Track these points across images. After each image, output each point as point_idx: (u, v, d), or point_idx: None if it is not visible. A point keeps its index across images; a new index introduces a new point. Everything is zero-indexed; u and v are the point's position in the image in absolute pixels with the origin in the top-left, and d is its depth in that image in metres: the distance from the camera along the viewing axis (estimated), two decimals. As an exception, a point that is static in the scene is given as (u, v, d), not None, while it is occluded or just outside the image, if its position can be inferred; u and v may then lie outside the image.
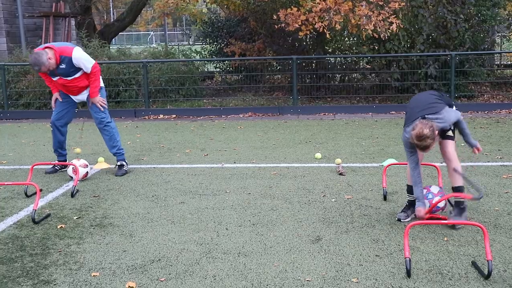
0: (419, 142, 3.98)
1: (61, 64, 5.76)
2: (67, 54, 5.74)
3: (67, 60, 5.75)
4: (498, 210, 4.61)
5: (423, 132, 3.95)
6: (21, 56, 12.24)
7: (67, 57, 5.75)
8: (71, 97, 6.16)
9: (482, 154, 6.64)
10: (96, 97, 6.05)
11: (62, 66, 5.77)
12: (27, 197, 5.34)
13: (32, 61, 5.64)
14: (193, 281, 3.45)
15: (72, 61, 5.77)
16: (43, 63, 5.61)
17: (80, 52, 5.84)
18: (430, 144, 4.00)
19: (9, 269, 3.69)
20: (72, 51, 5.76)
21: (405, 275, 3.45)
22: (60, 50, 5.75)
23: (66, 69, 5.79)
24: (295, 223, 4.44)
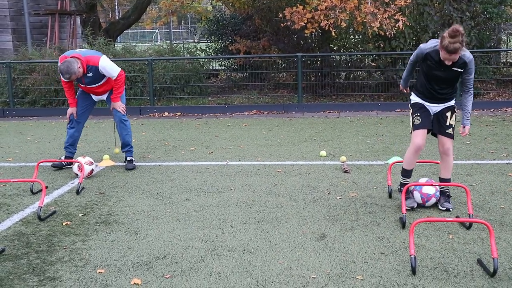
0: (452, 39, 4.03)
1: (88, 72, 5.90)
2: (94, 64, 5.88)
3: (94, 69, 5.90)
4: (504, 208, 4.60)
5: (459, 28, 4.02)
6: (27, 54, 12.27)
7: (94, 67, 5.90)
8: (92, 96, 6.31)
9: (488, 152, 6.62)
10: (118, 102, 6.21)
11: (89, 74, 5.92)
12: (32, 194, 5.37)
13: (64, 69, 5.73)
14: (198, 278, 3.46)
15: (98, 70, 5.91)
16: (74, 72, 5.76)
17: (107, 61, 5.96)
18: (459, 48, 4.07)
19: (15, 266, 3.71)
20: (99, 60, 5.89)
21: (410, 272, 3.45)
22: (86, 59, 5.87)
23: (92, 77, 5.95)
24: (300, 221, 4.44)
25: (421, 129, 4.49)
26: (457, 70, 4.34)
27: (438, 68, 4.36)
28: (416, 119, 4.53)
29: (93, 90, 6.17)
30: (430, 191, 4.57)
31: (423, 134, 4.49)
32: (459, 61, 4.28)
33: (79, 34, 15.41)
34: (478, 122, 8.84)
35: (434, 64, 4.35)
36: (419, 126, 4.49)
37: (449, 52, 4.11)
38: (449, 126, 4.50)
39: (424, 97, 4.56)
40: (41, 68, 11.40)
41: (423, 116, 4.52)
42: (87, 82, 6.03)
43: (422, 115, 4.52)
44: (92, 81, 6.02)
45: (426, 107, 4.56)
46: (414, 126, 4.54)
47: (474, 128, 8.31)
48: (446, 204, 4.57)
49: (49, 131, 9.09)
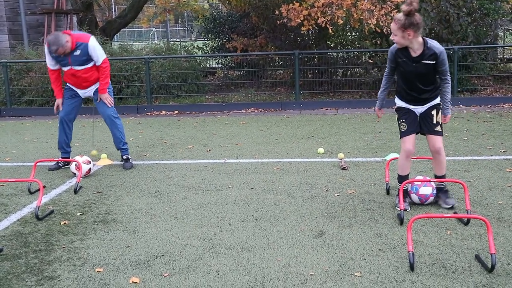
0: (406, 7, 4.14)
1: (76, 50, 5.83)
2: (84, 41, 5.85)
3: (82, 46, 5.83)
4: (502, 204, 4.61)
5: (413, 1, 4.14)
6: (23, 53, 12.24)
7: (83, 44, 5.84)
8: (79, 93, 6.20)
9: (485, 148, 6.63)
10: (105, 93, 6.13)
11: (76, 52, 5.84)
12: (30, 193, 5.36)
13: (52, 40, 5.69)
14: (196, 276, 3.46)
15: (87, 48, 5.85)
16: (62, 44, 5.69)
17: (96, 42, 5.95)
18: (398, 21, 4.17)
19: (13, 266, 3.70)
20: (89, 38, 5.89)
21: (408, 268, 3.45)
22: (77, 36, 5.86)
23: (79, 56, 5.85)
24: (298, 218, 4.45)
25: (409, 135, 4.49)
26: (428, 63, 4.30)
27: (409, 64, 4.33)
28: (402, 125, 4.53)
29: (78, 75, 5.98)
30: (427, 192, 4.56)
31: (412, 139, 4.50)
32: (428, 52, 4.26)
33: (75, 33, 15.36)
34: (476, 118, 8.85)
35: (404, 60, 4.35)
36: (406, 133, 4.50)
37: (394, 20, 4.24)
38: (436, 124, 4.48)
39: (407, 100, 4.55)
40: (38, 67, 11.38)
41: (409, 121, 4.52)
42: (73, 62, 5.87)
43: (407, 120, 4.52)
44: (79, 62, 5.87)
45: (411, 109, 4.54)
46: (401, 132, 4.55)
47: (472, 124, 8.32)
48: (449, 200, 4.54)
49: (46, 131, 9.07)
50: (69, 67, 5.95)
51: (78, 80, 6.05)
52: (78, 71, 5.97)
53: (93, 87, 6.17)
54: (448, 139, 6.96)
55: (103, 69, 6.03)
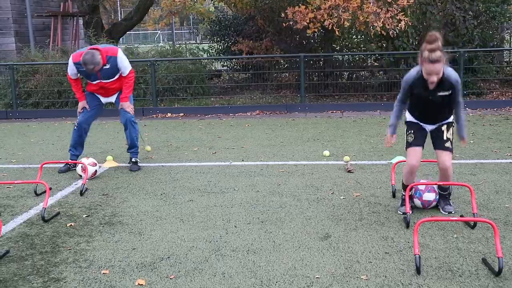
0: (430, 45, 3.91)
1: (106, 64, 5.91)
2: (113, 54, 5.94)
3: (112, 59, 5.93)
4: (509, 207, 4.59)
5: (435, 33, 3.95)
6: (30, 55, 12.29)
7: (113, 57, 5.94)
8: (100, 99, 6.29)
9: (492, 151, 6.61)
10: (127, 102, 6.21)
11: (106, 66, 5.92)
12: (36, 195, 5.37)
13: (89, 59, 5.73)
14: (202, 279, 3.46)
15: (116, 61, 5.95)
16: (98, 63, 5.79)
17: (123, 54, 6.08)
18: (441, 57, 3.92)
19: (19, 267, 3.71)
20: (117, 51, 6.00)
21: (414, 272, 3.44)
22: (105, 50, 5.93)
23: (109, 69, 5.95)
24: (303, 221, 4.44)
25: (415, 146, 4.40)
26: (445, 95, 4.20)
27: (425, 95, 4.22)
28: (410, 136, 4.46)
29: (106, 86, 6.12)
30: (430, 197, 4.53)
31: (418, 153, 4.40)
32: (445, 83, 4.13)
33: (81, 36, 15.42)
34: (482, 121, 8.82)
35: (420, 91, 4.23)
36: (412, 144, 4.42)
37: (432, 61, 3.96)
38: (447, 139, 4.38)
39: (419, 119, 4.48)
40: (44, 69, 11.43)
41: (417, 134, 4.44)
42: (103, 76, 6.00)
43: (416, 133, 4.44)
44: (108, 75, 6.01)
45: (421, 125, 4.48)
46: (407, 144, 4.47)
47: (478, 127, 8.29)
48: (447, 207, 4.51)
49: (52, 133, 9.10)
50: (99, 80, 6.07)
51: (106, 91, 6.21)
52: (107, 83, 6.11)
53: (117, 94, 6.29)
54: (454, 142, 6.93)
55: (128, 79, 6.15)
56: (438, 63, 3.97)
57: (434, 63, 3.97)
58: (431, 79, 4.06)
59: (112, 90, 6.23)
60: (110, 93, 6.27)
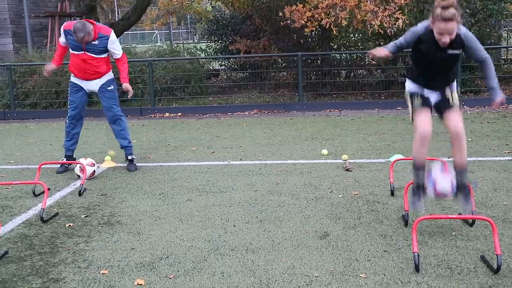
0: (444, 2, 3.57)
1: (96, 40, 5.94)
2: (106, 33, 5.99)
3: (103, 38, 5.97)
4: (507, 205, 4.60)
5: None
6: (27, 56, 12.27)
7: (105, 36, 5.98)
8: (83, 86, 6.19)
9: (490, 149, 6.62)
10: (128, 82, 6.25)
11: (95, 42, 5.94)
12: (35, 196, 5.37)
13: (80, 27, 5.76)
14: (201, 278, 3.46)
15: (107, 41, 5.98)
16: (88, 32, 5.81)
17: (115, 38, 6.10)
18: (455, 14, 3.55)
19: (18, 268, 3.71)
20: (111, 32, 6.04)
21: (413, 270, 3.44)
22: (99, 27, 5.98)
23: (97, 46, 5.97)
24: (302, 219, 4.44)
25: (423, 108, 3.91)
26: (455, 53, 3.83)
27: (434, 53, 3.84)
28: (416, 100, 3.99)
29: (88, 61, 6.00)
30: (446, 189, 3.86)
31: (427, 116, 3.88)
32: (457, 40, 3.76)
33: (79, 36, 15.40)
34: (480, 119, 8.83)
35: (429, 48, 3.84)
36: (421, 106, 3.93)
37: (445, 19, 3.56)
38: (453, 101, 3.98)
39: (422, 85, 4.07)
40: (42, 70, 11.36)
41: (423, 98, 4.01)
42: (88, 49, 5.94)
43: (421, 98, 4.00)
44: (94, 51, 5.96)
45: (425, 95, 4.06)
46: (414, 109, 3.98)
47: (476, 125, 8.30)
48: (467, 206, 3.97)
49: (50, 133, 9.10)
50: (82, 52, 5.99)
51: (87, 67, 6.04)
52: (90, 58, 6.01)
53: (98, 81, 6.17)
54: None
55: (123, 61, 6.19)
56: (452, 21, 3.58)
57: (447, 22, 3.57)
58: (443, 40, 3.67)
59: (93, 69, 6.06)
60: (90, 73, 6.09)
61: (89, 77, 6.13)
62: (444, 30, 3.61)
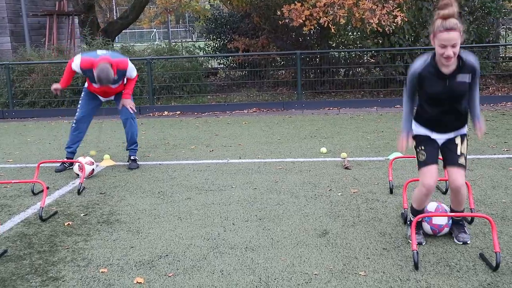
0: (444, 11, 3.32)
1: (116, 76, 5.96)
2: (123, 68, 6.04)
3: (121, 73, 6.02)
4: (506, 202, 4.60)
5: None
6: (25, 55, 12.26)
7: (123, 71, 6.03)
8: (100, 98, 6.34)
9: (488, 147, 6.62)
10: (129, 99, 6.27)
11: (115, 78, 5.96)
12: (34, 195, 5.37)
13: (105, 77, 5.73)
14: (200, 276, 3.46)
15: (125, 73, 6.07)
16: (112, 80, 5.84)
17: (131, 64, 6.16)
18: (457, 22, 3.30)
19: (17, 267, 3.71)
20: (127, 64, 6.06)
21: (412, 267, 3.45)
22: (116, 63, 5.92)
23: (116, 80, 6.02)
24: (301, 218, 4.45)
25: (430, 165, 3.65)
26: (464, 82, 3.51)
27: (439, 83, 3.53)
28: (421, 154, 3.70)
29: (108, 91, 6.17)
30: (441, 222, 3.87)
31: (434, 172, 3.65)
32: (465, 65, 3.48)
33: (77, 35, 15.38)
34: (478, 117, 8.84)
35: (432, 80, 3.54)
36: (427, 162, 3.66)
37: (447, 28, 3.31)
38: (460, 155, 3.68)
39: (430, 127, 3.75)
40: (40, 69, 11.40)
41: (430, 148, 3.71)
42: None
43: (428, 148, 3.71)
44: (113, 82, 6.04)
45: (432, 138, 3.76)
46: (420, 163, 3.71)
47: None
48: (462, 236, 3.81)
49: (49, 132, 9.09)
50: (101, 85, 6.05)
51: (108, 93, 6.25)
52: (110, 88, 6.15)
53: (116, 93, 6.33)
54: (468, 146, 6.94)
55: (133, 81, 6.27)
56: (454, 31, 3.31)
57: (449, 31, 3.30)
58: (446, 53, 3.36)
59: (113, 92, 6.28)
60: (110, 94, 6.31)
61: (107, 96, 6.34)
62: (447, 41, 3.32)
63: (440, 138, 3.74)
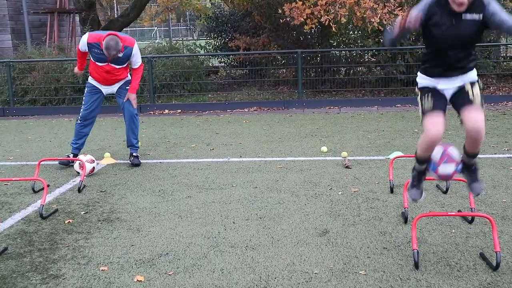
0: None
1: (122, 52, 5.98)
2: (130, 45, 6.07)
3: (127, 50, 6.03)
4: (506, 202, 4.60)
5: None
6: (26, 52, 12.25)
7: (129, 47, 6.04)
8: (102, 90, 6.29)
9: (489, 146, 6.62)
10: (134, 94, 6.29)
11: (120, 55, 5.98)
12: (34, 192, 5.37)
13: (114, 45, 5.80)
14: (201, 275, 3.46)
15: (131, 52, 6.06)
16: (120, 50, 5.88)
17: (137, 46, 6.20)
18: None
19: (18, 264, 3.71)
20: (134, 43, 6.13)
21: (413, 267, 3.45)
22: (123, 39, 6.00)
23: (121, 58, 6.03)
24: (302, 216, 4.45)
25: (435, 111, 3.38)
26: (473, 19, 3.25)
27: (448, 23, 3.29)
28: (426, 100, 3.46)
29: (112, 71, 6.13)
30: (448, 170, 3.52)
31: (439, 120, 3.37)
32: (475, 2, 3.21)
33: (78, 33, 15.37)
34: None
35: (441, 18, 3.29)
36: (432, 108, 3.41)
37: None
38: (474, 97, 3.44)
39: (436, 74, 3.51)
40: (41, 66, 11.39)
41: (436, 98, 3.46)
42: (113, 61, 6.04)
43: (433, 97, 3.46)
44: (118, 61, 6.06)
45: (439, 90, 3.53)
46: (424, 110, 3.47)
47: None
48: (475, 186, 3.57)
49: (49, 130, 9.09)
50: (106, 63, 6.07)
51: (109, 76, 6.18)
52: (114, 69, 6.12)
53: (117, 84, 6.30)
54: (452, 137, 6.95)
55: (138, 70, 6.27)
56: None
57: None
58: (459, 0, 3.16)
59: (115, 77, 6.21)
60: (112, 81, 6.23)
61: (109, 83, 6.28)
62: None
63: (448, 88, 3.50)
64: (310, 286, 3.26)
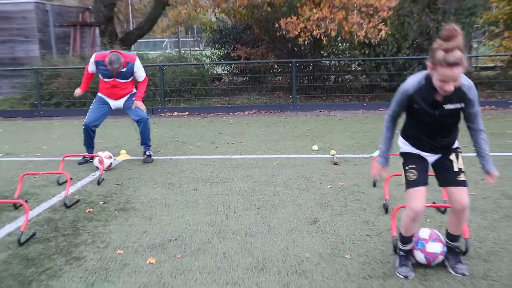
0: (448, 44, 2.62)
1: (125, 67, 6.04)
2: (131, 60, 6.11)
3: (130, 65, 6.08)
4: (475, 195, 4.63)
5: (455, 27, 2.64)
6: (52, 61, 12.24)
7: (131, 63, 6.08)
8: (109, 103, 6.29)
9: (462, 146, 6.62)
10: (140, 101, 6.29)
11: (123, 70, 6.03)
12: (59, 184, 5.38)
13: (115, 59, 5.87)
14: (205, 258, 3.48)
15: (133, 67, 6.09)
16: (121, 63, 5.94)
17: (139, 61, 6.25)
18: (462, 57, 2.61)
19: (45, 247, 3.73)
20: (135, 58, 6.17)
21: (392, 252, 3.47)
22: (125, 55, 6.08)
23: (125, 72, 6.08)
24: (295, 207, 4.46)
25: (418, 186, 3.00)
26: (456, 108, 2.87)
27: (430, 112, 2.89)
28: (410, 173, 3.04)
29: (118, 86, 6.14)
30: (436, 249, 3.18)
31: (423, 194, 3.00)
32: (457, 92, 2.80)
33: (98, 43, 15.35)
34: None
35: (423, 107, 2.89)
36: (416, 183, 3.00)
37: (451, 64, 2.63)
38: (459, 171, 3.04)
39: (418, 147, 3.11)
40: (65, 73, 11.40)
41: (420, 167, 3.05)
42: (118, 76, 6.07)
43: (418, 167, 3.05)
44: (123, 76, 6.09)
45: (421, 155, 3.12)
46: (408, 182, 3.04)
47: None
48: (459, 266, 3.14)
49: (72, 129, 9.09)
50: (112, 79, 6.11)
51: (116, 90, 6.20)
52: (120, 83, 6.15)
53: (123, 98, 6.30)
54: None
55: (143, 83, 6.28)
56: (458, 66, 2.63)
57: (453, 67, 2.63)
58: (446, 88, 2.71)
59: (122, 91, 6.22)
60: (119, 95, 6.24)
61: (116, 97, 6.27)
62: (449, 77, 2.67)
63: (429, 156, 3.12)
64: (302, 268, 3.28)
